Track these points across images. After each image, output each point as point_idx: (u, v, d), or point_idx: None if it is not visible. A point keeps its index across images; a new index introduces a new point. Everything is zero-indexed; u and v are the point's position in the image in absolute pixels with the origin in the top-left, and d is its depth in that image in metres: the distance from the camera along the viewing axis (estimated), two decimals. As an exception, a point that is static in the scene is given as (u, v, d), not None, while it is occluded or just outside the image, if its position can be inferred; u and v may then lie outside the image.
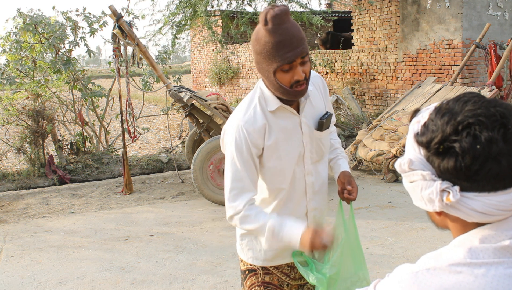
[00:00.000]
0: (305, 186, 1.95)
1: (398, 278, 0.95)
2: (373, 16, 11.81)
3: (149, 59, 6.39)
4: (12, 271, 4.25)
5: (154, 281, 3.95)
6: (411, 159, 0.94)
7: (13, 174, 7.31)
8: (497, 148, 0.85)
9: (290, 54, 1.68)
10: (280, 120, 1.85)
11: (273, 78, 1.75)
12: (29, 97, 7.86)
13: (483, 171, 0.86)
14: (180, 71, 14.79)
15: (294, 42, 1.68)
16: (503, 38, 9.64)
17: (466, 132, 0.87)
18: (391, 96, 11.54)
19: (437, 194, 0.91)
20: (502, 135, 0.86)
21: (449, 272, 0.90)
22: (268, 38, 1.69)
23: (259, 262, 1.99)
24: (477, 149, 0.85)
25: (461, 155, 0.87)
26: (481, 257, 0.89)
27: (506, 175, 0.87)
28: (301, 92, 1.77)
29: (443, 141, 0.89)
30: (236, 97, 17.62)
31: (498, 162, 0.85)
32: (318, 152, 1.95)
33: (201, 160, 5.85)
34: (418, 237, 4.65)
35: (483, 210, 0.89)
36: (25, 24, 7.61)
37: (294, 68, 1.72)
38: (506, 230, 0.91)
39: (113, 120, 9.49)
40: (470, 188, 0.89)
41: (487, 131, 0.86)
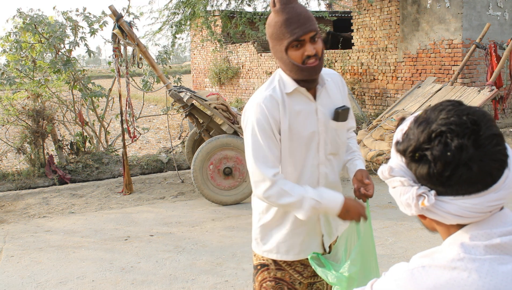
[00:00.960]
0: (318, 176, 1.97)
1: (394, 276, 0.98)
2: (373, 16, 11.81)
3: (149, 59, 6.39)
4: (12, 271, 4.25)
5: (154, 281, 3.95)
6: (391, 166, 1.00)
7: (13, 174, 7.31)
8: (467, 155, 0.89)
9: (298, 30, 1.77)
10: (296, 104, 1.90)
11: (286, 57, 1.82)
12: (29, 97, 7.86)
13: (455, 176, 0.91)
14: (180, 71, 14.79)
15: (301, 19, 1.78)
16: (503, 38, 9.64)
17: (438, 140, 0.92)
18: (391, 96, 11.54)
19: (413, 199, 0.97)
20: (472, 142, 0.90)
21: (443, 268, 0.93)
22: (277, 18, 1.81)
23: (273, 255, 2.00)
24: (447, 156, 0.90)
25: (433, 162, 0.92)
26: (473, 253, 0.92)
27: (478, 179, 0.91)
28: (314, 69, 1.83)
29: (417, 149, 0.95)
30: (236, 97, 17.62)
31: (469, 168, 0.90)
32: (333, 143, 1.98)
33: (201, 160, 5.85)
34: (418, 237, 4.66)
35: (458, 213, 0.94)
36: (25, 24, 7.61)
37: (304, 45, 1.80)
38: (494, 228, 0.95)
39: (113, 120, 9.49)
40: (445, 193, 0.94)
41: (458, 138, 0.90)
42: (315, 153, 1.94)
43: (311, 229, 1.99)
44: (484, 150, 0.90)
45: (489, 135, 0.91)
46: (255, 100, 1.89)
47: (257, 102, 1.87)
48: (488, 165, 0.91)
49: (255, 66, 16.81)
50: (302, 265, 2.02)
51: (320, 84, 1.93)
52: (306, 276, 2.03)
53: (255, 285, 2.09)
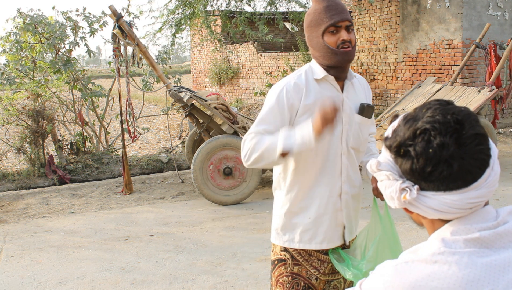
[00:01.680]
0: (341, 166, 2.02)
1: (381, 272, 1.03)
2: (373, 16, 11.81)
3: (149, 59, 6.39)
4: (12, 271, 4.25)
5: (154, 281, 3.95)
6: (379, 161, 1.06)
7: (13, 174, 7.31)
8: (448, 152, 0.93)
9: (336, 16, 1.92)
10: (324, 89, 1.99)
11: (322, 41, 1.94)
12: (29, 97, 7.86)
13: (436, 172, 0.95)
14: (180, 71, 14.79)
15: (339, 8, 1.94)
16: (503, 38, 9.64)
17: (421, 137, 0.96)
18: (391, 96, 11.54)
19: (397, 192, 1.01)
20: (454, 140, 0.94)
21: (425, 262, 0.97)
22: (317, 6, 1.96)
23: (295, 245, 2.03)
24: (429, 153, 0.95)
25: (416, 158, 0.96)
26: (453, 247, 0.97)
27: (458, 177, 0.95)
28: (347, 54, 1.94)
29: (401, 145, 0.99)
30: (236, 97, 17.62)
31: (450, 165, 0.94)
32: (355, 138, 2.04)
33: (201, 160, 5.85)
34: (418, 237, 4.66)
35: (439, 208, 0.98)
36: (25, 24, 7.61)
37: (340, 31, 1.93)
38: (475, 223, 0.99)
39: (113, 120, 9.48)
40: (427, 188, 0.99)
41: (440, 136, 0.94)
42: (338, 142, 2.01)
43: (333, 218, 2.03)
44: (466, 148, 0.94)
45: (471, 135, 0.95)
46: (279, 84, 2.00)
47: (280, 85, 1.99)
48: (468, 163, 0.94)
49: (255, 66, 16.81)
50: (319, 260, 2.04)
51: (348, 78, 2.04)
52: (323, 272, 2.05)
53: (272, 281, 2.12)
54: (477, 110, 6.97)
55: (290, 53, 14.87)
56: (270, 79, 15.13)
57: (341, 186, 2.03)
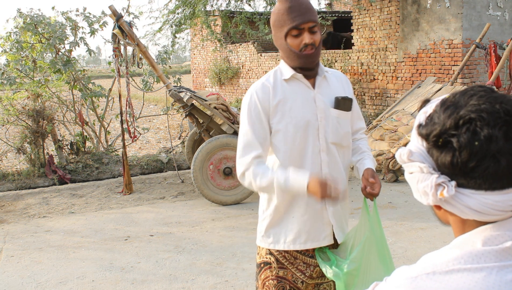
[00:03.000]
0: (320, 163, 1.99)
1: (397, 283, 0.93)
2: (373, 16, 11.81)
3: (149, 59, 6.39)
4: (12, 271, 4.25)
5: (154, 281, 3.95)
6: (411, 150, 0.93)
7: (13, 174, 7.31)
8: (496, 146, 0.82)
9: (298, 18, 1.87)
10: (293, 89, 1.99)
11: (285, 43, 1.93)
12: (29, 97, 7.86)
13: (480, 168, 0.84)
14: (180, 71, 14.79)
15: (302, 8, 1.89)
16: (503, 38, 9.64)
17: (466, 127, 0.85)
18: (391, 96, 11.54)
19: (432, 188, 0.89)
20: (504, 133, 0.83)
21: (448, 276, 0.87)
22: (280, 6, 1.92)
23: (280, 246, 2.03)
24: (475, 146, 0.83)
25: (458, 150, 0.85)
26: (483, 261, 0.86)
27: (505, 174, 0.84)
28: (310, 56, 1.92)
29: (441, 134, 0.87)
30: (236, 97, 17.62)
31: (497, 161, 0.83)
32: (334, 132, 2.00)
33: (201, 160, 5.84)
34: (418, 237, 4.65)
35: (478, 208, 0.87)
36: (25, 24, 7.61)
37: (303, 34, 1.90)
38: (509, 230, 0.88)
39: (113, 120, 9.48)
40: (466, 185, 0.87)
41: (488, 128, 0.83)
42: (315, 140, 1.98)
43: (318, 217, 2.00)
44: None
45: None
46: (249, 90, 2.01)
47: (250, 91, 2.00)
48: None
49: (255, 66, 16.81)
50: (304, 263, 2.02)
51: (319, 74, 2.01)
52: (310, 275, 2.03)
53: (258, 284, 2.11)
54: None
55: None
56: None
57: None
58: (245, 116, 1.97)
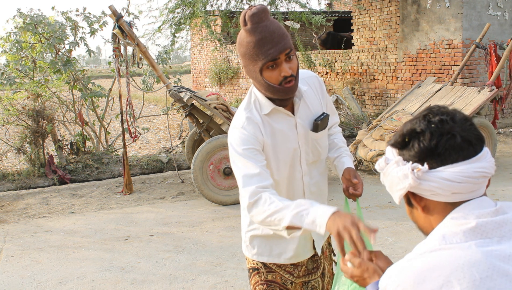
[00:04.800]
0: (303, 187, 1.96)
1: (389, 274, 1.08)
2: (373, 16, 11.81)
3: (149, 59, 6.39)
4: (12, 271, 4.25)
5: (154, 281, 3.95)
6: (387, 157, 1.16)
7: (13, 174, 7.31)
8: (448, 126, 1.06)
9: (273, 50, 1.68)
10: (276, 123, 1.85)
11: (261, 78, 1.75)
12: (29, 97, 7.86)
13: (441, 144, 1.05)
14: (180, 71, 14.78)
15: (275, 38, 1.68)
16: (503, 38, 9.64)
17: (421, 118, 1.10)
18: (391, 96, 11.54)
19: (409, 169, 1.08)
20: (451, 119, 1.07)
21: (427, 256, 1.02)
22: (249, 38, 1.70)
23: (263, 258, 1.98)
24: (432, 127, 1.07)
25: (421, 134, 1.07)
26: (454, 241, 1.03)
27: (462, 147, 1.05)
28: (291, 89, 1.76)
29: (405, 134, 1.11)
30: (236, 97, 17.62)
31: (453, 136, 1.05)
32: (314, 152, 1.95)
33: (201, 160, 5.84)
34: (418, 237, 4.65)
35: (451, 177, 1.05)
36: (25, 24, 7.61)
37: (280, 65, 1.72)
38: (473, 209, 1.06)
39: (113, 120, 9.49)
40: (435, 164, 1.07)
41: (438, 115, 1.08)
42: (298, 166, 1.92)
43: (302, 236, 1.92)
44: (462, 126, 1.07)
45: (463, 117, 1.09)
46: (235, 125, 1.83)
47: (237, 128, 1.80)
48: (468, 135, 1.06)
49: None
50: (292, 265, 2.02)
51: (298, 97, 1.86)
52: (297, 275, 2.03)
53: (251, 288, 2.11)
54: (477, 110, 6.97)
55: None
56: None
57: None
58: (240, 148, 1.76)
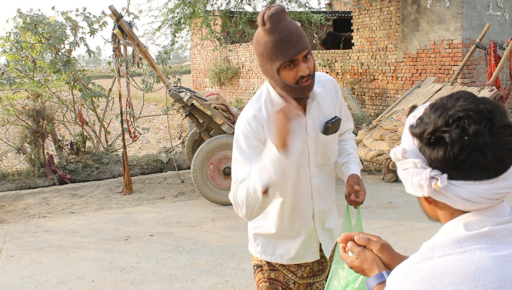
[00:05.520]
0: (311, 189, 1.96)
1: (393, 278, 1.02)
2: (373, 16, 11.81)
3: (149, 59, 6.39)
4: (12, 271, 4.25)
5: (154, 281, 3.95)
6: (405, 148, 1.04)
7: (13, 174, 7.31)
8: (483, 141, 0.93)
9: (291, 51, 1.69)
10: None
11: (278, 77, 1.76)
12: (29, 97, 7.86)
13: (469, 160, 0.95)
14: (180, 71, 14.79)
15: (293, 38, 1.70)
16: (503, 38, 9.64)
17: (455, 124, 0.96)
18: (391, 96, 11.54)
19: (426, 180, 0.99)
20: (488, 129, 0.94)
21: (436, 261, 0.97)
22: (268, 38, 1.71)
23: (267, 257, 2.01)
24: (464, 140, 0.94)
25: (450, 144, 0.95)
26: (465, 245, 0.96)
27: (491, 165, 0.95)
28: (307, 87, 1.77)
29: (434, 132, 0.98)
30: (236, 97, 17.62)
31: (484, 153, 0.94)
32: (323, 156, 1.95)
33: (201, 160, 5.84)
34: (418, 237, 4.65)
35: (468, 197, 0.97)
36: (25, 24, 7.61)
37: (297, 65, 1.73)
38: (490, 217, 0.99)
39: (113, 120, 9.49)
40: (457, 177, 0.98)
41: (475, 124, 0.94)
42: (306, 167, 1.92)
43: (307, 238, 1.99)
44: (498, 138, 0.94)
45: (502, 125, 0.95)
46: (242, 118, 1.89)
47: (243, 121, 1.87)
48: (500, 152, 0.94)
49: (255, 66, 16.81)
50: (296, 265, 2.02)
51: (311, 98, 1.88)
52: (301, 276, 2.03)
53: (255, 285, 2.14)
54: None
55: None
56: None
57: (313, 208, 1.97)
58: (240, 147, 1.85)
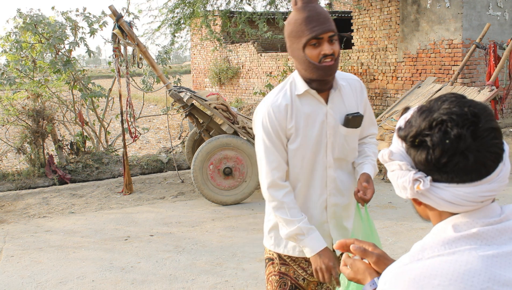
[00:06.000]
0: (326, 179, 1.99)
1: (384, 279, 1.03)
2: (373, 16, 11.81)
3: (149, 59, 6.39)
4: (12, 271, 4.25)
5: (154, 281, 3.95)
6: (392, 151, 1.05)
7: (13, 174, 7.31)
8: (464, 144, 0.94)
9: (317, 28, 1.80)
10: (306, 106, 1.93)
11: (303, 54, 1.84)
12: (29, 97, 7.86)
13: (451, 164, 0.95)
14: (180, 71, 14.78)
15: (321, 18, 1.82)
16: (503, 38, 9.64)
17: (438, 127, 0.96)
18: (391, 96, 11.54)
19: (410, 183, 1.01)
20: (471, 133, 0.94)
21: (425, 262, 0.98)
22: (297, 15, 1.84)
23: (279, 250, 2.06)
24: (446, 144, 0.95)
25: (432, 148, 0.96)
26: (454, 246, 0.97)
27: (473, 169, 0.95)
28: (329, 68, 1.84)
29: (417, 135, 0.99)
30: (236, 97, 17.62)
31: (465, 157, 0.94)
32: (341, 149, 1.99)
33: (201, 160, 5.84)
34: (418, 237, 4.65)
35: (451, 199, 0.98)
36: (25, 24, 7.61)
37: (322, 44, 1.82)
38: (479, 218, 1.00)
39: (113, 120, 9.49)
40: (440, 179, 0.99)
41: (457, 128, 0.94)
42: (323, 156, 1.97)
43: (319, 229, 2.01)
44: (482, 141, 0.94)
45: (487, 128, 0.95)
46: (265, 104, 1.95)
47: (266, 107, 1.94)
48: (483, 156, 0.95)
49: (255, 66, 16.81)
50: (306, 261, 2.05)
51: (334, 87, 1.95)
52: (311, 273, 2.06)
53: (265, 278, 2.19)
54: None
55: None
56: (270, 79, 15.14)
57: (327, 199, 2.01)
58: (264, 135, 1.92)
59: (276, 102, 1.92)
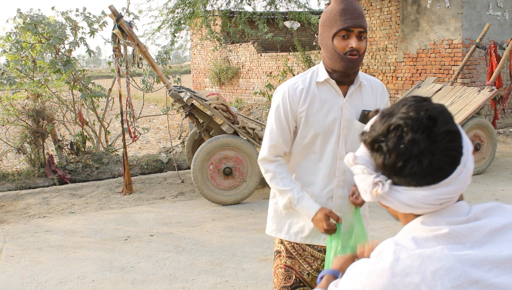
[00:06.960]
0: (335, 170, 2.03)
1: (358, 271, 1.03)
2: (373, 16, 11.81)
3: (149, 59, 6.39)
4: (12, 271, 4.25)
5: (154, 281, 3.95)
6: (356, 155, 1.07)
7: (13, 174, 7.31)
8: (418, 149, 0.95)
9: (350, 21, 1.88)
10: (323, 93, 2.00)
11: (331, 44, 1.92)
12: (29, 97, 7.86)
13: (406, 168, 0.97)
14: (180, 71, 14.78)
15: (355, 13, 1.90)
16: (503, 38, 9.64)
17: (394, 133, 0.98)
18: (391, 96, 11.54)
19: (370, 186, 1.02)
20: (426, 136, 0.95)
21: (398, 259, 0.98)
22: (334, 6, 1.93)
23: (282, 235, 2.11)
24: (400, 148, 0.96)
25: (388, 153, 0.98)
26: (426, 245, 0.98)
27: (429, 172, 0.96)
28: (352, 61, 1.91)
29: (375, 140, 1.02)
30: (236, 97, 17.61)
31: (420, 161, 0.95)
32: (353, 144, 2.03)
33: (201, 160, 5.85)
34: (418, 237, 4.65)
35: (410, 202, 1.00)
36: (25, 24, 7.61)
37: (350, 38, 1.90)
38: (444, 217, 1.01)
39: (113, 120, 9.49)
40: (399, 183, 1.00)
41: (412, 132, 0.96)
42: (334, 147, 2.02)
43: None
44: (437, 145, 0.95)
45: (443, 131, 0.96)
46: (284, 85, 2.05)
47: (282, 89, 2.04)
48: (439, 160, 0.96)
49: (255, 66, 16.81)
50: (312, 256, 2.08)
51: (355, 83, 2.01)
52: (316, 269, 2.09)
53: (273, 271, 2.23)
54: (477, 110, 6.97)
55: (290, 53, 14.87)
56: (270, 79, 15.14)
57: (333, 190, 2.03)
58: (274, 113, 2.03)
59: (294, 85, 2.01)
